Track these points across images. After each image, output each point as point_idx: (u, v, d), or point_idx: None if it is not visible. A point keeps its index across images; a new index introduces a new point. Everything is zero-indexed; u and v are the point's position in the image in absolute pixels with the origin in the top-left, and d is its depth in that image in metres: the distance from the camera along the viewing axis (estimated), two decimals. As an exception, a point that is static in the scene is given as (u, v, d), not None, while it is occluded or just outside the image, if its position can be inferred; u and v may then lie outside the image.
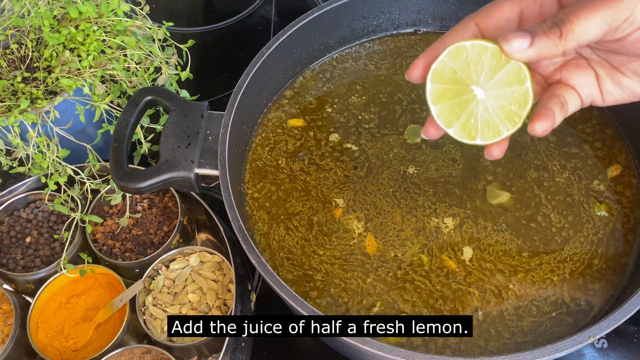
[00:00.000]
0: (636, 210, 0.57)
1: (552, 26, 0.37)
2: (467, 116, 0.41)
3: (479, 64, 0.40)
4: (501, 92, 0.41)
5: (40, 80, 0.66)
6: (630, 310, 0.46)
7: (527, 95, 0.40)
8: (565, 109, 0.43)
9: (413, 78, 0.43)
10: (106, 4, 0.65)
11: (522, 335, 0.52)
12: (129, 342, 0.62)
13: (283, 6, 0.95)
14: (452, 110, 0.42)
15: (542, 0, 0.41)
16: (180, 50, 0.70)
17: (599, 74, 0.44)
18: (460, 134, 0.42)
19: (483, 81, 0.41)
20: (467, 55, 0.40)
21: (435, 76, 0.41)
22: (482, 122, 0.41)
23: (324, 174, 0.61)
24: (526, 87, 0.40)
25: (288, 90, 0.68)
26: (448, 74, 0.41)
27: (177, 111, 0.58)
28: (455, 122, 0.42)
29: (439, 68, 0.41)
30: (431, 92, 0.42)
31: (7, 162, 0.66)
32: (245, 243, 0.50)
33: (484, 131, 0.42)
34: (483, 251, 0.56)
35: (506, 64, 0.40)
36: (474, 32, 0.42)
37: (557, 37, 0.37)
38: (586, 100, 0.44)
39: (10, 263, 0.66)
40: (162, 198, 0.70)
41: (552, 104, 0.42)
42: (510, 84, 0.40)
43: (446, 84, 0.41)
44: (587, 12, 0.37)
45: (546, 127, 0.40)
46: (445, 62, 0.41)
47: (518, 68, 0.40)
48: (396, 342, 0.52)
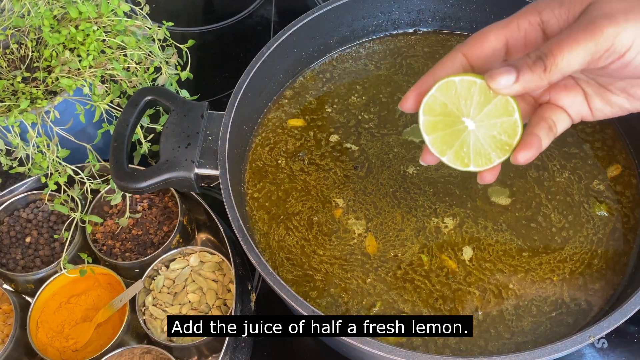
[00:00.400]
0: (636, 210, 0.57)
1: (536, 60, 0.38)
2: (460, 145, 0.43)
3: (468, 97, 0.42)
4: (491, 123, 0.42)
5: (40, 80, 0.66)
6: (630, 310, 0.46)
7: (516, 126, 0.42)
8: (554, 131, 0.44)
9: (405, 109, 0.44)
10: (106, 4, 0.65)
11: (522, 335, 0.52)
12: (129, 342, 0.62)
13: (283, 6, 0.95)
14: (445, 140, 0.43)
15: (527, 29, 0.42)
16: (180, 50, 0.70)
17: (587, 93, 0.44)
18: (453, 161, 0.44)
19: (473, 113, 0.42)
20: (457, 90, 0.42)
21: (427, 109, 0.43)
22: (474, 151, 0.43)
23: (324, 174, 0.61)
24: (514, 118, 0.42)
25: (288, 90, 0.68)
26: (439, 107, 0.43)
27: (177, 111, 0.58)
28: (448, 150, 0.44)
29: (430, 101, 0.42)
30: (424, 123, 0.43)
31: (7, 162, 0.66)
32: (245, 243, 0.50)
33: (476, 159, 0.43)
34: (483, 251, 0.56)
35: (494, 97, 0.41)
36: (462, 63, 0.43)
37: (541, 71, 0.38)
38: (576, 118, 0.45)
39: (10, 263, 0.66)
40: (162, 198, 0.70)
41: (539, 129, 0.43)
42: (499, 116, 0.42)
43: (438, 116, 0.43)
44: (569, 45, 0.37)
45: (529, 157, 0.42)
46: (435, 96, 0.42)
47: (506, 101, 0.41)
48: (396, 342, 0.52)
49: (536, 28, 0.42)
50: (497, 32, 0.42)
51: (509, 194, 0.59)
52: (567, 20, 0.40)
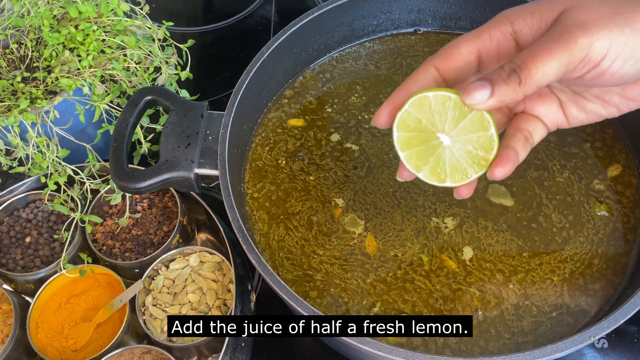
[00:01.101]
0: (636, 210, 0.57)
1: (510, 73, 0.37)
2: (435, 161, 0.43)
3: (442, 113, 0.41)
4: (466, 138, 0.42)
5: (40, 80, 0.66)
6: (631, 310, 0.46)
7: (492, 140, 0.41)
8: (531, 141, 0.44)
9: (379, 124, 0.43)
10: (106, 4, 0.65)
11: (522, 335, 0.52)
12: (129, 342, 0.62)
13: (283, 6, 0.95)
14: (420, 156, 0.43)
15: (499, 40, 0.41)
16: (180, 50, 0.70)
17: (562, 101, 0.44)
18: (430, 177, 0.43)
19: (448, 129, 0.41)
20: (431, 105, 0.41)
21: (400, 125, 0.42)
22: (450, 166, 0.43)
23: (324, 173, 0.61)
24: (490, 133, 0.41)
25: (288, 90, 0.68)
26: (413, 122, 0.42)
27: (177, 111, 0.58)
28: (424, 166, 0.43)
29: (404, 117, 0.42)
30: (398, 139, 0.43)
31: (7, 162, 0.66)
32: (245, 243, 0.50)
33: (453, 174, 0.43)
34: (483, 251, 0.56)
35: (469, 112, 0.41)
36: (434, 76, 0.42)
37: (516, 84, 0.37)
38: (552, 126, 0.45)
39: (10, 263, 0.66)
40: (162, 198, 0.70)
41: (515, 141, 0.42)
42: (475, 131, 0.41)
43: (412, 132, 0.42)
44: (543, 57, 0.37)
45: (506, 172, 0.41)
46: (409, 111, 0.41)
47: (481, 115, 0.41)
48: (396, 342, 0.52)
49: (508, 38, 0.41)
50: (469, 44, 0.41)
51: (509, 194, 0.59)
52: (540, 29, 0.40)
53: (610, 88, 0.42)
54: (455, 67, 0.42)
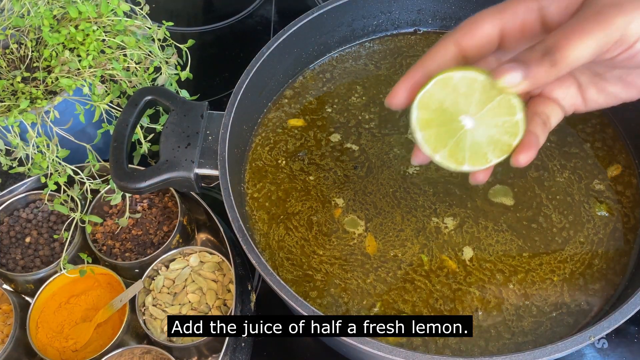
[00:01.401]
0: (636, 210, 0.57)
1: (544, 54, 0.36)
2: (455, 144, 0.41)
3: (468, 95, 0.39)
4: (491, 122, 0.40)
5: (40, 80, 0.66)
6: (631, 310, 0.46)
7: (518, 126, 0.39)
8: (548, 125, 0.42)
9: (394, 104, 0.41)
10: (106, 4, 0.65)
11: (522, 335, 0.52)
12: (129, 342, 0.62)
13: (283, 6, 0.95)
14: (440, 138, 0.41)
15: (524, 17, 0.39)
16: (180, 50, 0.70)
17: (581, 83, 0.43)
18: (447, 159, 0.41)
19: (472, 111, 0.40)
20: (455, 86, 0.39)
21: (421, 105, 0.40)
22: (470, 150, 0.41)
23: (324, 173, 0.61)
24: (517, 119, 0.39)
25: (288, 90, 0.68)
26: (435, 103, 0.40)
27: (177, 111, 0.58)
28: (442, 149, 0.41)
29: (425, 97, 0.40)
30: (418, 120, 0.40)
31: (7, 162, 0.66)
32: (245, 243, 0.50)
33: (472, 158, 0.41)
34: (483, 251, 0.56)
35: (497, 95, 0.39)
36: (454, 53, 0.40)
37: (549, 66, 0.36)
38: (569, 110, 0.43)
39: (10, 263, 0.66)
40: (162, 198, 0.70)
41: (534, 126, 0.41)
42: (501, 115, 0.39)
43: (433, 113, 0.40)
44: (579, 36, 0.35)
45: (530, 158, 0.39)
46: (432, 92, 0.39)
47: (509, 99, 0.39)
48: (396, 342, 0.52)
49: (534, 15, 0.39)
50: (492, 18, 0.39)
51: (509, 194, 0.59)
52: (568, 7, 0.38)
53: (633, 70, 0.40)
54: (477, 44, 0.40)
